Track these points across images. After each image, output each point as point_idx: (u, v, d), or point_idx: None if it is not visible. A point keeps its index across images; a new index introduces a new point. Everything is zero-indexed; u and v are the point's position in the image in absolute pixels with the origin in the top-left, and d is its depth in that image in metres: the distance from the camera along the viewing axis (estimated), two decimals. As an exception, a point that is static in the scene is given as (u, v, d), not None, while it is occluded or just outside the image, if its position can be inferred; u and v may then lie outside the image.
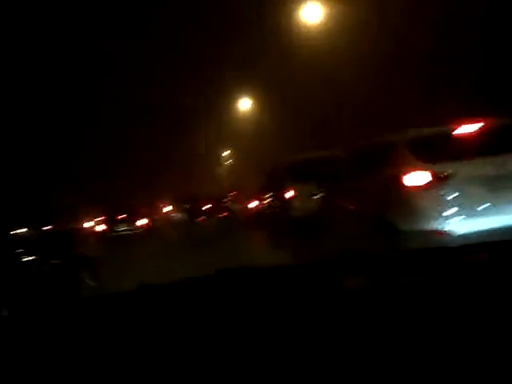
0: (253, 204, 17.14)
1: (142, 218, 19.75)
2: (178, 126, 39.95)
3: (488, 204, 4.56)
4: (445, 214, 4.59)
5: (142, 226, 19.14)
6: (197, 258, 9.71)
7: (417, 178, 4.78)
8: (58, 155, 28.95)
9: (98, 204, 24.15)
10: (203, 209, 17.60)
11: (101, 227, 19.52)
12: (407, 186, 4.81)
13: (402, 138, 5.15)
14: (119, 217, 19.34)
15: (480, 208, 4.59)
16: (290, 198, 10.36)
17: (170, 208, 31.72)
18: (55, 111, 28.91)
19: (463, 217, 4.58)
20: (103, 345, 1.16)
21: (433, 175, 4.71)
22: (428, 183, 4.73)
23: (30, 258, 5.54)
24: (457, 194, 4.61)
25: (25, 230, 6.02)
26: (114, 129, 36.50)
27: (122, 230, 18.93)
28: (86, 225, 20.13)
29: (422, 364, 0.87)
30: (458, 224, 4.55)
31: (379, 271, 1.48)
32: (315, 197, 10.01)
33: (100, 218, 19.98)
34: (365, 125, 15.25)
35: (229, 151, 43.84)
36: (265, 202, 14.67)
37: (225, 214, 17.41)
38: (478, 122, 4.92)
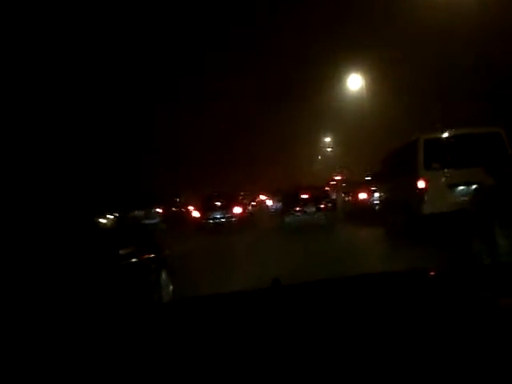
0: (363, 195, 14.96)
1: (238, 205, 18.66)
2: (276, 109, 38.84)
3: None
4: None
5: (237, 215, 18.01)
6: (294, 257, 8.50)
7: None
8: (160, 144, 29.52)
9: (198, 189, 23.95)
10: (302, 197, 15.68)
11: (196, 213, 18.88)
12: None
13: None
14: (216, 203, 18.37)
15: None
16: (422, 190, 8.07)
17: (265, 196, 30.69)
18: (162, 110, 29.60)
19: None
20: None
21: None
22: None
23: (112, 252, 4.47)
24: None
25: (111, 217, 4.94)
26: (218, 119, 36.89)
27: (217, 218, 17.96)
28: (190, 208, 19.95)
29: None
30: None
31: None
32: (462, 187, 7.72)
33: (196, 204, 19.42)
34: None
35: (329, 138, 41.57)
36: (380, 192, 12.46)
37: (326, 204, 15.33)
38: None
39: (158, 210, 19.45)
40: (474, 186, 7.11)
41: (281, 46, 41.16)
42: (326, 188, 19.52)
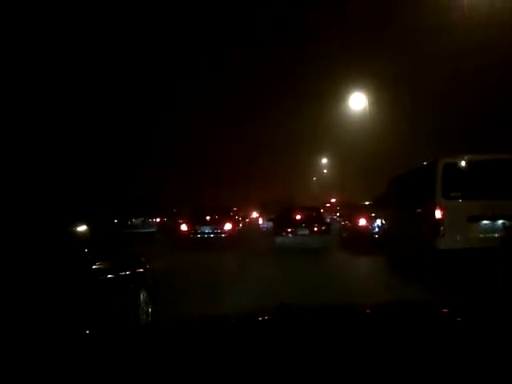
0: (363, 221, 14.19)
1: (230, 221, 17.85)
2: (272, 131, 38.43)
3: None
4: None
5: (227, 231, 17.16)
6: (283, 282, 8.03)
7: None
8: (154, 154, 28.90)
9: (188, 203, 23.23)
10: (294, 218, 14.98)
11: (184, 227, 17.99)
12: None
13: None
14: (206, 217, 17.55)
15: None
16: (438, 221, 7.28)
17: (257, 214, 29.88)
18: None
19: None
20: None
21: None
22: None
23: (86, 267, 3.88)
24: None
25: (85, 227, 4.23)
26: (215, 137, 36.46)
27: (206, 232, 17.09)
28: (182, 220, 19.29)
29: None
30: None
31: None
32: (485, 222, 6.92)
33: (185, 218, 18.63)
34: None
35: (326, 159, 41.14)
36: (383, 220, 11.71)
37: (320, 227, 14.56)
38: None
39: (155, 219, 19.34)
40: (501, 222, 6.40)
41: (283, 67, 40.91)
42: (321, 210, 18.78)
